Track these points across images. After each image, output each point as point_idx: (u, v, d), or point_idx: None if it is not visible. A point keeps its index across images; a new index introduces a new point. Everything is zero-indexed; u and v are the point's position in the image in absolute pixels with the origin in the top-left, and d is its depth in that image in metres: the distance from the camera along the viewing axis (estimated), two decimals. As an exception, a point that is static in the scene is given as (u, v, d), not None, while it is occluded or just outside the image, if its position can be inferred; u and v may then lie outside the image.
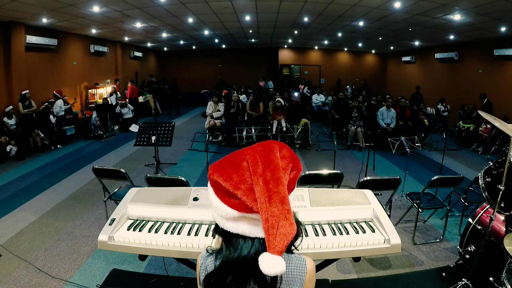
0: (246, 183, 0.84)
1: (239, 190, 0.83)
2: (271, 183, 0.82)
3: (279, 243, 0.76)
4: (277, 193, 0.80)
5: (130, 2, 6.40)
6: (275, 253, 0.76)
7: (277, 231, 0.77)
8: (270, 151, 0.89)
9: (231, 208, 0.85)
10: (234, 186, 0.84)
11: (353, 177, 5.31)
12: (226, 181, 0.85)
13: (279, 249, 0.77)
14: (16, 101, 7.23)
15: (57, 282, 2.66)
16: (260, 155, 0.88)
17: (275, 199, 0.79)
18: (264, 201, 0.79)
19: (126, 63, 12.73)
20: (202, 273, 0.94)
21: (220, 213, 0.87)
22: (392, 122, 7.52)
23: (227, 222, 0.87)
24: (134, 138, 5.32)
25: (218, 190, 0.88)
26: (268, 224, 0.77)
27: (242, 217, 0.85)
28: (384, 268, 2.92)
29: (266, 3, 6.94)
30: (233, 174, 0.86)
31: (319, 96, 11.39)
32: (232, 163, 0.89)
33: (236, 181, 0.84)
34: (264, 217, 0.78)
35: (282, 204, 0.80)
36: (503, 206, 2.30)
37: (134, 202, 1.84)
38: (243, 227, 0.86)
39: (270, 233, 0.77)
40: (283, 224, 0.77)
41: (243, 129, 7.27)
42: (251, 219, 0.85)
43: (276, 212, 0.78)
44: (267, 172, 0.84)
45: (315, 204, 1.80)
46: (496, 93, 8.70)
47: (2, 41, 7.14)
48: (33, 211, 4.04)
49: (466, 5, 5.97)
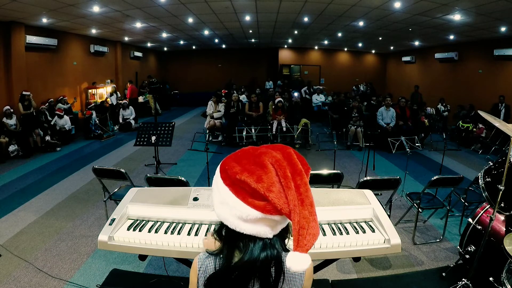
0: (276, 186, 0.84)
1: (271, 192, 0.83)
2: (302, 187, 0.85)
3: (309, 242, 0.80)
4: (308, 197, 0.84)
5: (130, 2, 6.40)
6: (303, 251, 0.80)
7: (307, 231, 0.81)
8: (290, 156, 0.90)
9: (255, 209, 0.84)
10: (267, 189, 0.83)
11: (353, 177, 5.31)
12: (258, 182, 0.84)
13: (308, 248, 0.80)
14: (16, 101, 7.23)
15: (57, 282, 2.66)
16: (285, 160, 0.88)
17: (307, 203, 0.83)
18: (297, 204, 0.82)
19: (126, 63, 12.73)
20: (202, 275, 0.93)
21: (238, 214, 0.86)
22: (392, 121, 7.53)
23: (244, 224, 0.86)
24: (134, 138, 5.32)
25: (241, 190, 0.86)
26: (300, 225, 0.81)
27: (264, 218, 0.85)
28: (384, 268, 2.92)
29: (266, 3, 6.94)
30: (263, 176, 0.85)
31: (319, 96, 11.38)
32: (256, 163, 0.87)
33: (268, 184, 0.84)
34: (296, 219, 0.81)
35: (311, 207, 0.84)
36: (503, 206, 2.30)
37: (134, 202, 1.84)
38: (260, 228, 0.87)
39: (300, 234, 0.80)
40: (313, 226, 0.82)
41: (243, 129, 7.27)
42: (272, 220, 0.86)
43: (307, 214, 0.82)
44: (296, 177, 0.86)
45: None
46: (496, 93, 8.69)
47: (2, 41, 7.14)
48: (33, 211, 4.04)
49: (466, 5, 5.96)
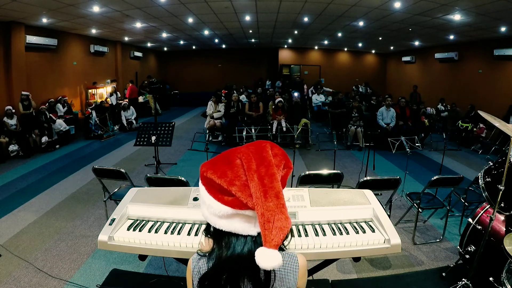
0: (241, 179, 0.84)
1: (234, 186, 0.83)
2: (266, 178, 0.82)
3: (275, 236, 0.77)
4: (272, 188, 0.81)
5: (130, 2, 6.40)
6: (271, 247, 0.77)
7: (273, 225, 0.77)
8: (263, 149, 0.90)
9: (224, 205, 0.84)
10: (229, 183, 0.83)
11: (353, 177, 5.31)
12: (221, 178, 0.85)
13: (276, 243, 0.77)
14: (16, 101, 7.23)
15: (57, 282, 2.66)
16: (253, 153, 0.88)
17: (271, 194, 0.80)
18: (259, 196, 0.79)
19: (126, 63, 12.73)
20: (196, 276, 0.92)
21: (213, 211, 0.87)
22: (392, 121, 7.53)
23: (220, 220, 0.87)
24: (134, 138, 5.32)
25: (211, 188, 0.88)
26: (264, 218, 0.77)
27: (235, 214, 0.85)
28: (384, 268, 2.92)
29: (266, 3, 6.94)
30: (228, 171, 0.85)
31: (319, 96, 11.37)
32: (225, 160, 0.89)
33: (231, 178, 0.84)
34: (260, 211, 0.78)
35: (277, 198, 0.80)
36: (503, 206, 2.30)
37: (134, 202, 1.84)
38: (236, 224, 0.86)
39: (266, 228, 0.77)
40: (279, 218, 0.78)
41: (243, 129, 7.27)
42: (245, 216, 0.85)
43: (272, 206, 0.79)
44: (261, 168, 0.84)
45: (315, 204, 1.80)
46: (496, 93, 8.69)
47: (2, 41, 7.14)
48: (33, 211, 4.04)
49: (466, 5, 5.96)
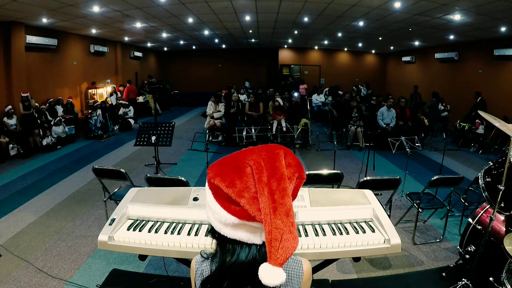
0: (250, 191, 0.79)
1: (243, 198, 0.79)
2: (277, 193, 0.78)
3: (281, 255, 0.74)
4: (283, 205, 0.77)
5: (130, 2, 6.39)
6: (276, 265, 0.74)
7: (280, 244, 0.74)
8: (276, 157, 0.85)
9: (231, 215, 0.81)
10: (237, 194, 0.79)
11: (353, 177, 5.31)
12: (229, 187, 0.80)
13: (281, 262, 0.74)
14: (16, 101, 7.23)
15: (57, 282, 2.66)
16: (265, 162, 0.83)
17: (280, 211, 0.76)
18: (268, 212, 0.76)
19: (126, 63, 12.73)
20: (198, 278, 0.92)
21: (218, 218, 0.84)
22: (392, 122, 7.53)
23: (225, 227, 0.84)
24: (134, 138, 5.32)
25: (219, 195, 0.84)
26: (271, 236, 0.74)
27: (242, 224, 0.82)
28: (384, 268, 2.92)
29: (266, 3, 6.94)
30: (236, 181, 0.81)
31: (319, 96, 11.37)
32: (234, 167, 0.84)
33: (240, 189, 0.80)
34: (267, 228, 0.75)
35: (287, 216, 0.77)
36: (503, 206, 2.30)
37: (134, 202, 1.84)
38: (242, 234, 0.83)
39: (272, 245, 0.74)
40: (287, 238, 0.75)
41: (243, 129, 7.27)
42: (251, 226, 0.82)
43: (280, 224, 0.75)
44: (273, 181, 0.80)
45: (315, 204, 1.80)
46: (496, 93, 8.69)
47: (2, 41, 7.14)
48: (33, 211, 4.04)
49: (466, 5, 5.96)
